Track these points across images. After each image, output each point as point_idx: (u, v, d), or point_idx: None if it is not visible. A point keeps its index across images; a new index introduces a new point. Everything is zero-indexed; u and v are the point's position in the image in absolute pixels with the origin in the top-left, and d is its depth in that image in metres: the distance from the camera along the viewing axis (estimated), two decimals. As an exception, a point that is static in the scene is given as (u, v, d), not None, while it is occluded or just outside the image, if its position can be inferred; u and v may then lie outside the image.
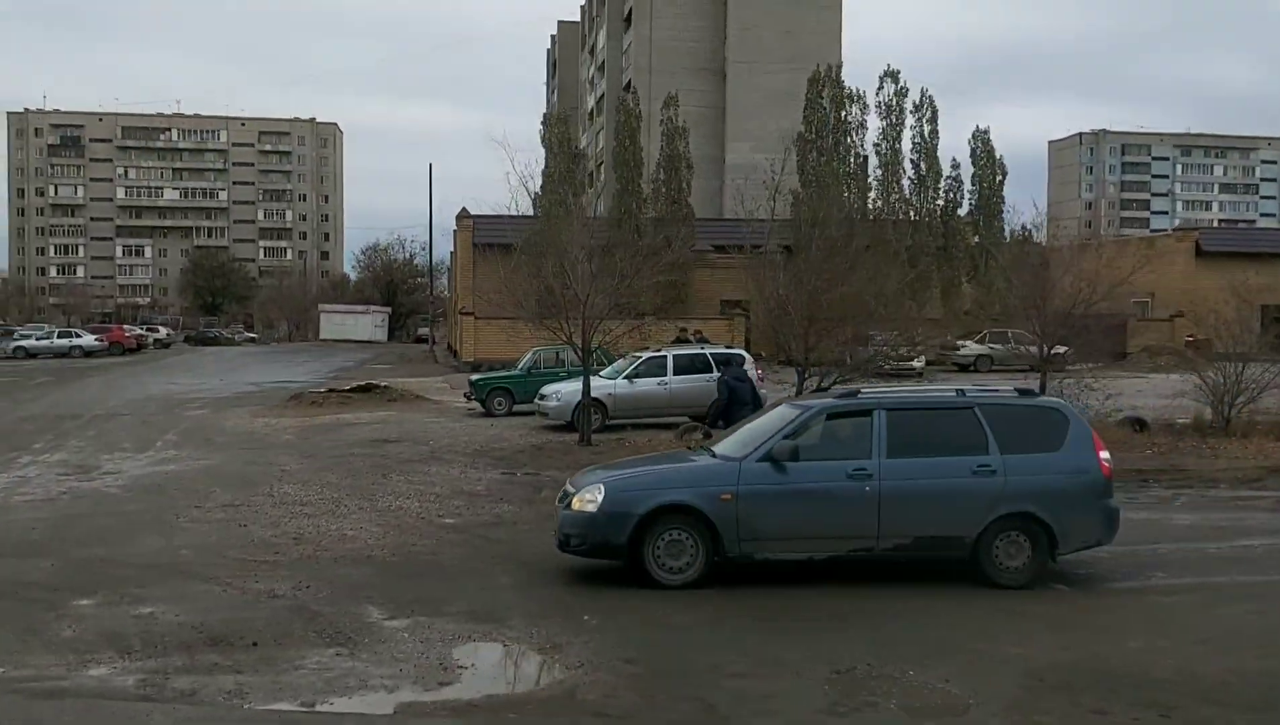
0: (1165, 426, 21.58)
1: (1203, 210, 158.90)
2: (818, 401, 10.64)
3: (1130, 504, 14.30)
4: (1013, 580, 9.34)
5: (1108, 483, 9.74)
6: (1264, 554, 11.04)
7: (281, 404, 28.36)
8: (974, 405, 9.79)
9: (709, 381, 23.33)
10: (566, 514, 9.61)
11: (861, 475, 9.31)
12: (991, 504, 9.33)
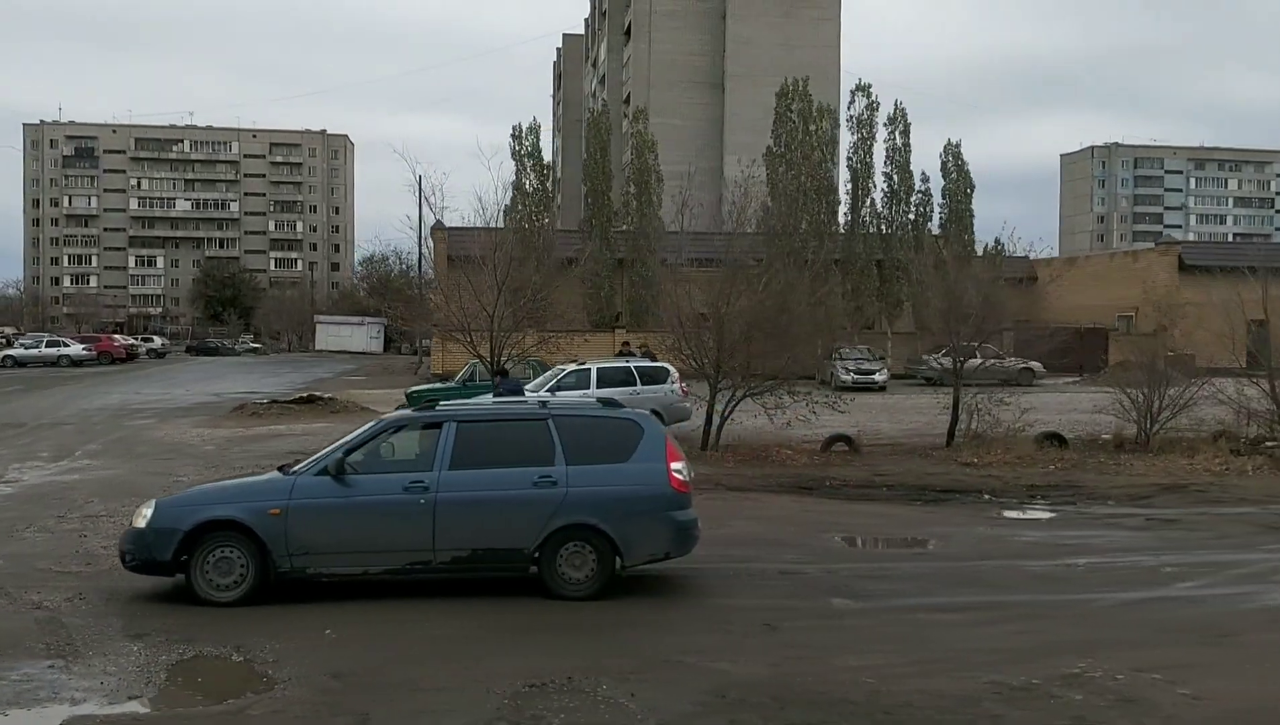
0: (1088, 442, 21.49)
1: (1217, 224, 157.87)
2: (394, 415, 10.64)
3: (992, 520, 14.35)
4: (576, 592, 9.24)
5: (677, 494, 9.52)
6: (1081, 573, 10.94)
7: (226, 414, 28.55)
8: (549, 417, 9.73)
9: (634, 395, 23.39)
10: (127, 530, 9.64)
11: (418, 488, 9.25)
12: (551, 515, 9.25)
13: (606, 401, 10.86)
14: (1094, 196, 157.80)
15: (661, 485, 9.44)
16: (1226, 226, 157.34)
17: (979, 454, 19.74)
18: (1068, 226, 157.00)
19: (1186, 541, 12.75)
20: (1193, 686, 6.99)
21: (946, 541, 12.88)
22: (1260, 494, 16.27)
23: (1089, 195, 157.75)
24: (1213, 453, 19.63)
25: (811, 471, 18.58)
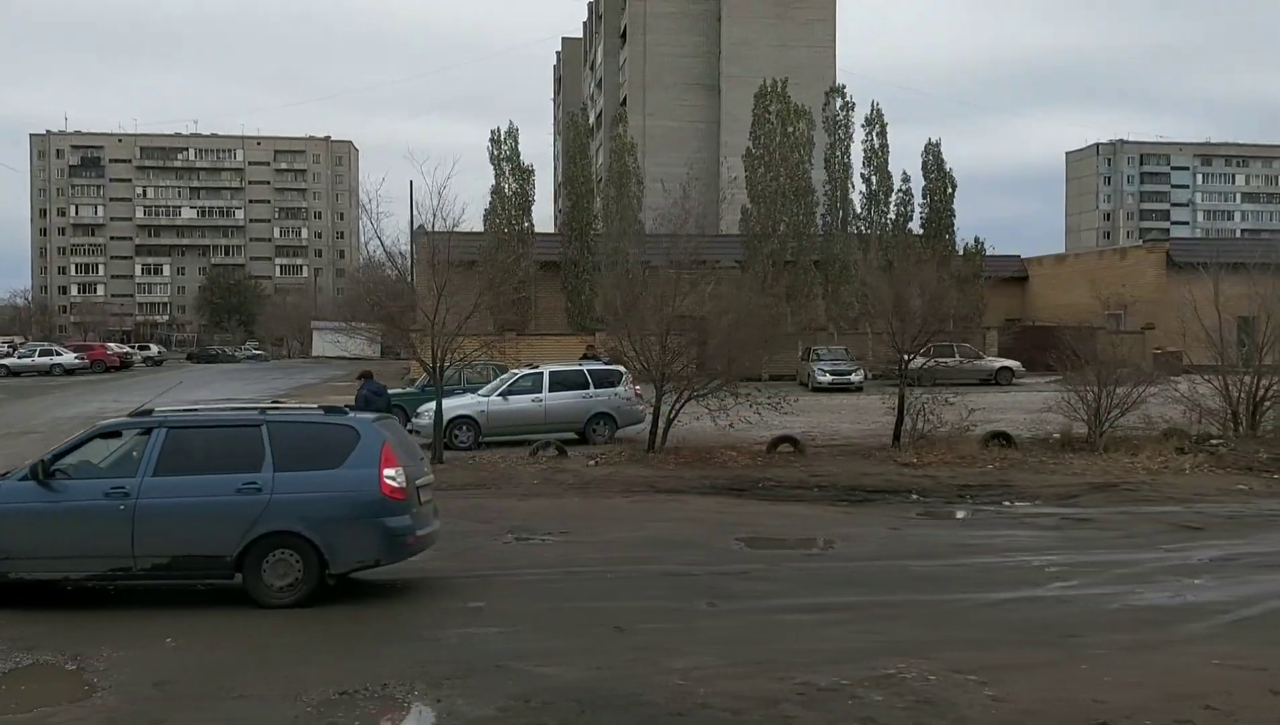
0: (1037, 441, 21.40)
1: (1225, 220, 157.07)
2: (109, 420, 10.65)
3: (907, 521, 14.30)
4: (280, 600, 9.18)
5: (389, 501, 9.38)
6: (965, 573, 10.91)
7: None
8: (263, 424, 9.67)
9: (586, 397, 23.44)
10: None
11: (119, 493, 9.24)
12: (253, 522, 9.19)
13: (332, 409, 10.82)
14: (1099, 194, 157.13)
15: (371, 492, 9.35)
16: (1234, 222, 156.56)
17: (920, 454, 19.66)
18: (1073, 224, 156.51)
19: (1089, 541, 12.68)
20: (1002, 688, 6.95)
21: (850, 542, 12.85)
22: (1189, 492, 16.19)
23: (1094, 193, 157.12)
24: (1156, 451, 19.52)
25: (751, 473, 18.55)
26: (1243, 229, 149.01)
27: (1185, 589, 10.07)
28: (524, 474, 18.37)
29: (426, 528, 9.86)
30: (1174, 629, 8.62)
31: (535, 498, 16.25)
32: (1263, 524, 13.62)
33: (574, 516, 14.58)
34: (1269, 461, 18.40)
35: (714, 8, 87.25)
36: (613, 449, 20.96)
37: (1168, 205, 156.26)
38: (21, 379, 54.13)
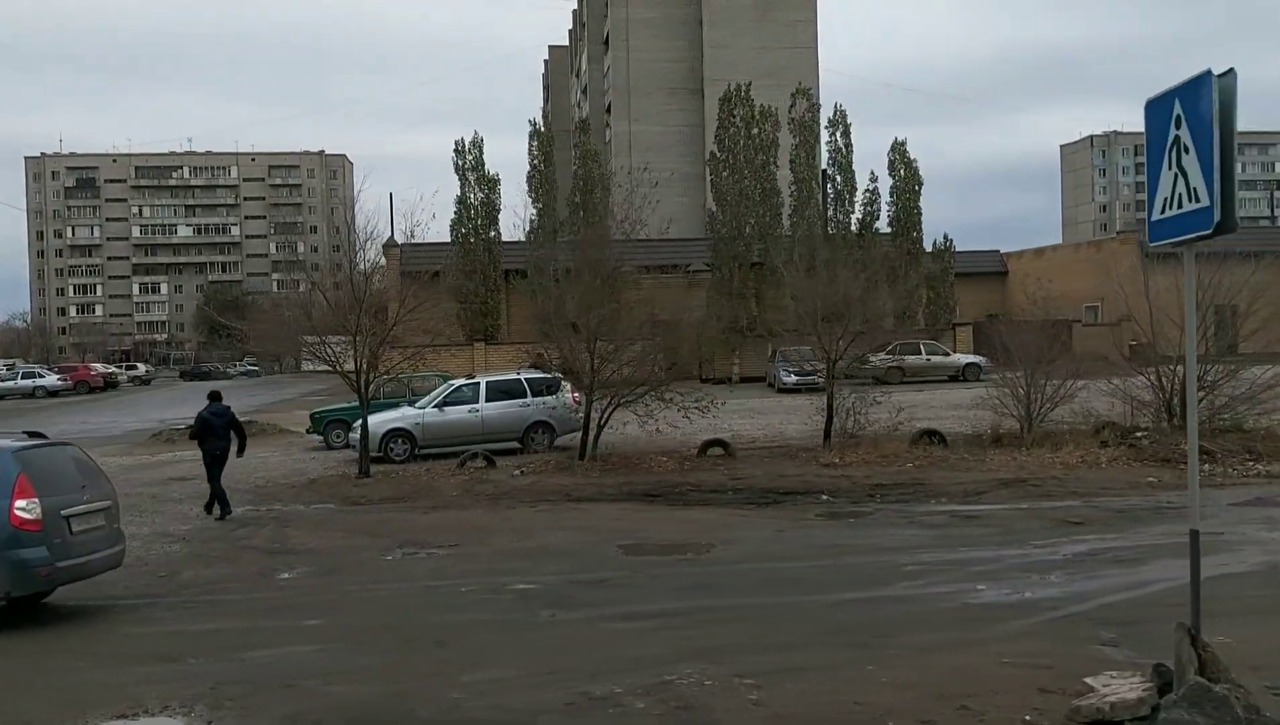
0: (972, 438, 21.40)
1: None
2: None
3: (802, 522, 14.30)
4: None
5: (17, 533, 9.33)
6: (822, 574, 10.98)
7: (144, 442, 28.86)
8: None
9: (524, 407, 23.46)
10: None
11: None
12: None
13: (35, 433, 11.01)
14: (1095, 186, 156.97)
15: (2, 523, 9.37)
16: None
17: (843, 454, 19.70)
18: (1070, 217, 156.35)
19: (965, 539, 12.68)
20: (770, 692, 6.97)
21: (731, 545, 12.86)
22: (1095, 487, 16.16)
23: (1090, 185, 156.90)
24: (1080, 446, 19.52)
25: (674, 478, 18.57)
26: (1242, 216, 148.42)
27: (1030, 586, 10.06)
28: (444, 486, 18.39)
29: (79, 558, 9.84)
30: (992, 627, 8.63)
31: (444, 510, 16.28)
32: (1149, 517, 13.59)
33: (471, 528, 14.61)
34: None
35: (695, 13, 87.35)
36: (544, 458, 20.98)
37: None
38: (4, 403, 54.37)
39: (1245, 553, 11.17)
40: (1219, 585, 9.69)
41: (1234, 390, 21.18)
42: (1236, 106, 5.93)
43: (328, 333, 22.09)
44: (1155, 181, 6.42)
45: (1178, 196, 6.25)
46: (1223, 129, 5.89)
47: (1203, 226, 5.98)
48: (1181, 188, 6.20)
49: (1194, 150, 6.10)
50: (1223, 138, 5.87)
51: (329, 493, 18.56)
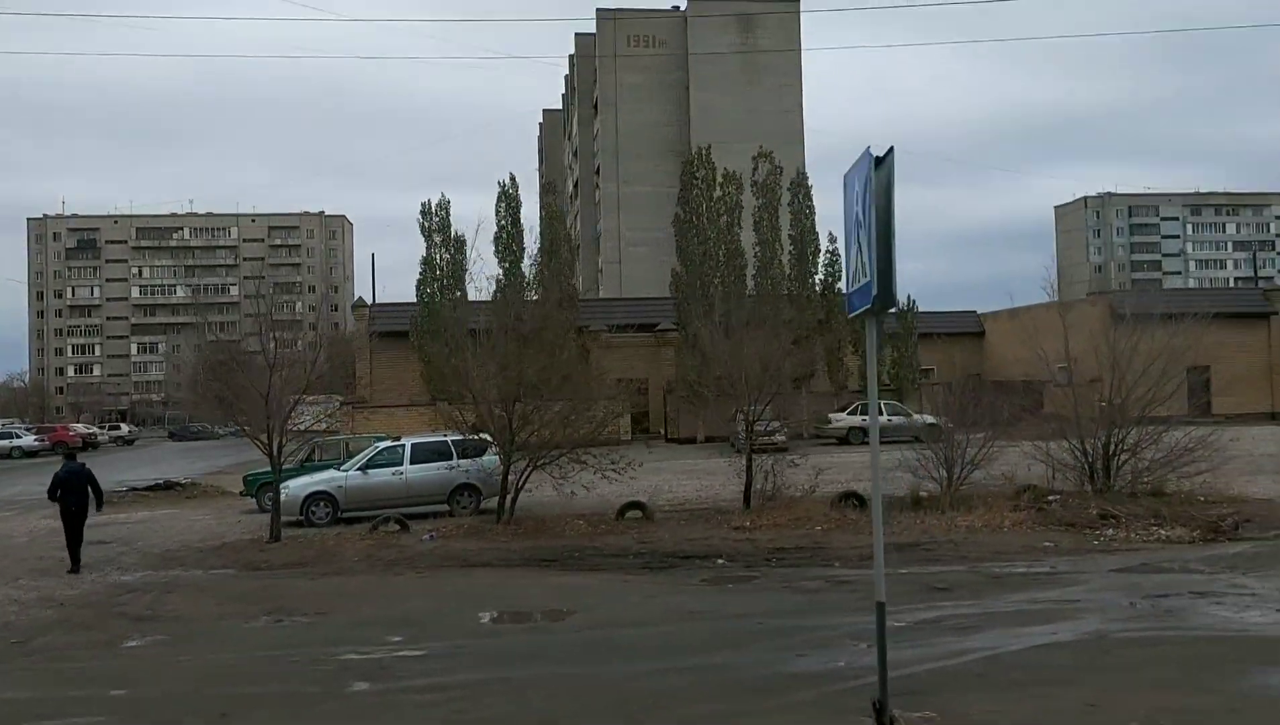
0: (894, 501, 21.22)
1: (1218, 269, 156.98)
2: None
3: (681, 587, 14.19)
4: None
5: None
6: (637, 642, 10.86)
7: (86, 503, 28.85)
8: None
9: (450, 469, 23.40)
10: None
11: None
12: None
13: None
14: (1089, 246, 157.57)
15: None
16: (1227, 271, 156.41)
17: (758, 517, 19.65)
18: (1066, 277, 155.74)
19: (828, 605, 12.59)
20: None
21: (592, 612, 12.77)
22: (988, 551, 16.05)
23: (1084, 245, 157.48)
24: (993, 509, 19.42)
25: (583, 542, 18.49)
26: (1235, 277, 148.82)
27: (851, 654, 9.94)
28: (348, 552, 18.29)
29: None
30: (774, 698, 8.50)
31: (334, 576, 16.19)
32: (1018, 583, 13.47)
33: (349, 595, 14.53)
34: (1097, 517, 18.22)
35: (682, 77, 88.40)
36: (459, 522, 20.91)
37: (1159, 256, 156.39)
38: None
39: (1083, 621, 11.05)
40: (1026, 655, 9.66)
41: (1154, 454, 21.14)
42: (894, 187, 5.95)
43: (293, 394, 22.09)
44: (848, 253, 6.46)
45: (855, 271, 6.28)
46: (879, 207, 5.91)
47: (866, 302, 6.02)
48: (858, 262, 6.24)
49: (865, 227, 6.14)
50: (879, 216, 5.90)
51: (234, 558, 18.49)
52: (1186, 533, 17.00)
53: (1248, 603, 11.62)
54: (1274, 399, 51.98)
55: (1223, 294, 67.06)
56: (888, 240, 5.83)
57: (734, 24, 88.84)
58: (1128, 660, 9.34)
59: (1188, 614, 11.21)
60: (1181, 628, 10.59)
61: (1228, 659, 9.21)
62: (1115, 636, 10.26)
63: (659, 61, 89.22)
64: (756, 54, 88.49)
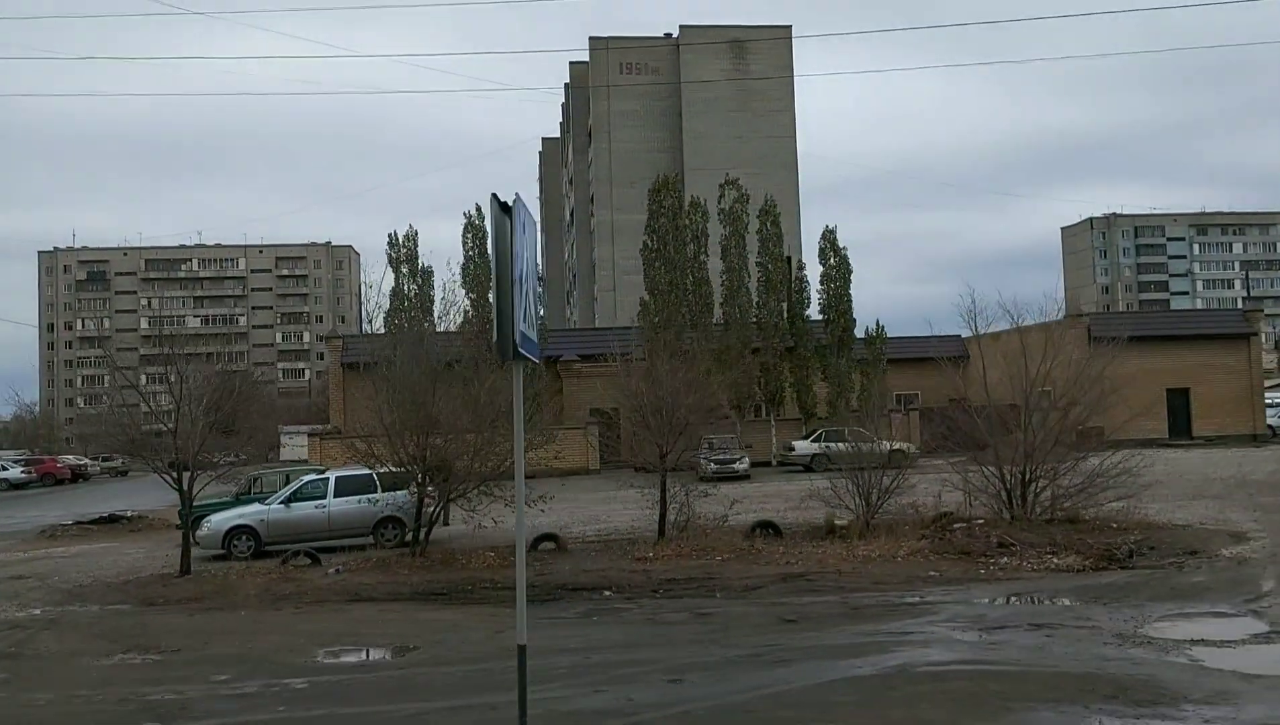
0: (810, 530, 21.28)
1: (1225, 288, 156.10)
2: None
3: (554, 621, 14.12)
4: None
5: None
6: (449, 683, 10.83)
7: (32, 537, 29.06)
8: None
9: (372, 502, 23.39)
10: None
11: None
12: None
13: None
14: (1096, 267, 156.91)
15: None
16: (1235, 291, 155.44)
17: (659, 549, 19.63)
18: (1072, 298, 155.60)
19: (675, 638, 12.58)
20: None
21: (437, 648, 12.76)
22: (870, 581, 15.96)
23: (1091, 266, 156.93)
24: (898, 537, 19.37)
25: (485, 574, 18.50)
26: (1242, 297, 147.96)
27: (649, 689, 9.91)
28: (247, 586, 18.31)
29: None
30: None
31: (219, 611, 16.21)
32: (874, 615, 13.38)
33: (214, 631, 14.53)
34: (996, 546, 18.10)
35: (675, 104, 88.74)
36: (369, 556, 20.91)
37: (1165, 276, 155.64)
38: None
39: (900, 654, 10.98)
40: (809, 692, 9.60)
41: (1071, 481, 21.02)
42: (519, 235, 5.95)
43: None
44: (524, 290, 6.36)
45: (528, 316, 6.25)
46: (499, 254, 5.92)
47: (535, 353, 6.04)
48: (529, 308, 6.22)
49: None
50: (499, 263, 5.90)
51: (136, 593, 18.53)
52: (1078, 561, 16.86)
53: (1077, 636, 11.52)
54: (1255, 421, 51.51)
55: (1203, 316, 66.67)
56: (508, 288, 5.83)
57: (726, 51, 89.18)
58: (908, 696, 9.27)
59: (1007, 648, 11.12)
60: (988, 662, 10.50)
61: (1006, 695, 9.13)
62: (916, 671, 10.19)
63: (652, 89, 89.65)
64: (749, 80, 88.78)
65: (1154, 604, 13.35)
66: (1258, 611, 12.51)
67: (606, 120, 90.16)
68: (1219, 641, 11.34)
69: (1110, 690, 9.08)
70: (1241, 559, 16.60)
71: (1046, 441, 20.94)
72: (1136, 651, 10.73)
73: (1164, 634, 11.60)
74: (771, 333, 43.61)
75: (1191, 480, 30.63)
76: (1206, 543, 18.30)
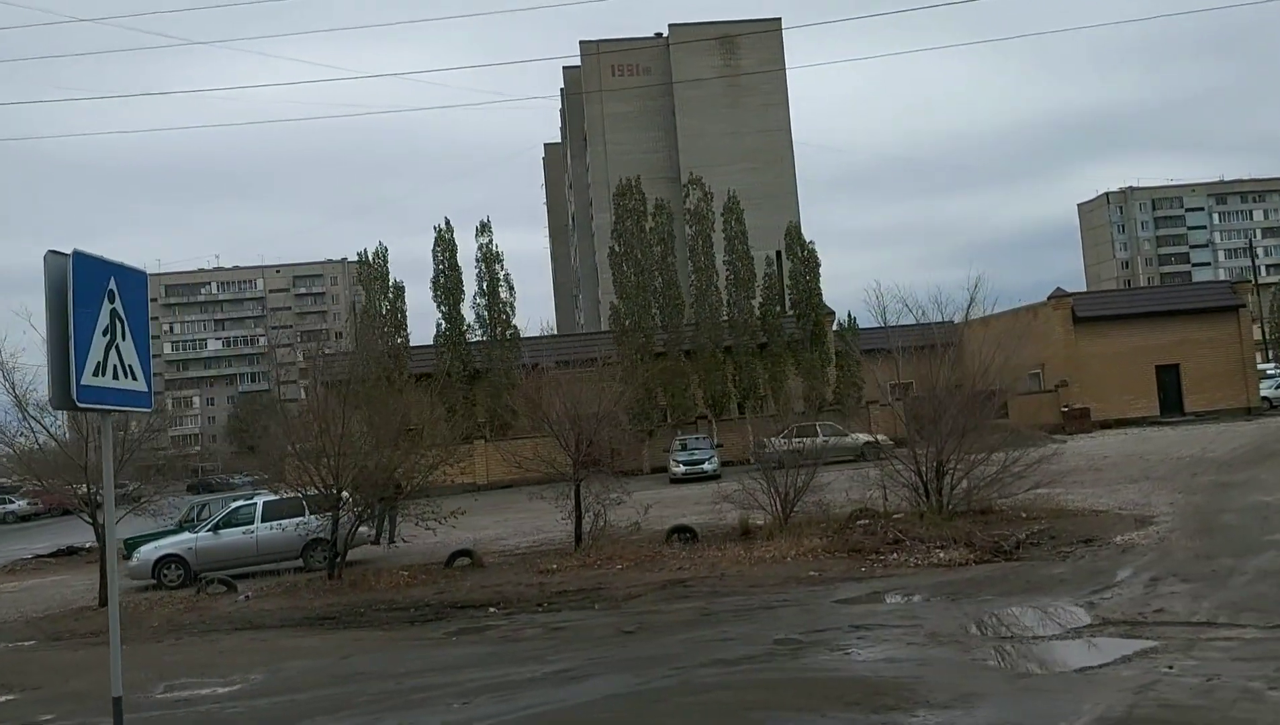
0: (726, 533, 21.27)
1: (1248, 257, 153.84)
2: None
3: (427, 644, 14.24)
4: None
5: None
6: (255, 712, 10.91)
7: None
8: None
9: (302, 526, 23.51)
10: None
11: None
12: None
13: None
14: (1115, 242, 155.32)
15: None
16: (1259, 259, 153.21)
17: (564, 560, 19.72)
18: (1092, 275, 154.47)
19: (501, 656, 12.52)
20: None
21: (275, 677, 12.87)
22: (746, 585, 15.92)
23: (1110, 242, 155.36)
24: (800, 537, 19.29)
25: (386, 595, 18.59)
26: (1266, 265, 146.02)
27: (421, 717, 9.96)
28: (154, 617, 18.52)
29: None
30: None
31: (102, 646, 16.39)
32: (725, 619, 13.32)
33: (84, 667, 14.71)
34: (889, 544, 17.97)
35: (668, 103, 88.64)
36: (282, 580, 21.07)
37: (1186, 247, 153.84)
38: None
39: (693, 664, 10.96)
40: (581, 709, 9.60)
41: (984, 472, 20.83)
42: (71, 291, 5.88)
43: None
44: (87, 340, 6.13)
45: (112, 367, 6.17)
46: (50, 306, 5.91)
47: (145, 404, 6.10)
48: (116, 360, 6.16)
49: (130, 334, 6.15)
50: (50, 315, 5.89)
51: (48, 628, 18.82)
52: (964, 555, 16.73)
53: (884, 638, 11.45)
54: (1249, 394, 50.84)
55: (1189, 290, 65.81)
56: (63, 342, 5.83)
57: (716, 47, 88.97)
58: (674, 708, 9.22)
59: (809, 653, 11.06)
60: (773, 669, 10.47)
61: (757, 705, 9.09)
62: (697, 681, 10.17)
63: (644, 90, 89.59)
64: (740, 75, 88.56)
65: (1001, 599, 13.23)
66: (1093, 604, 12.36)
67: (601, 123, 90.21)
68: (1029, 638, 11.27)
69: (860, 695, 9.02)
70: (1129, 546, 16.40)
71: (956, 431, 20.69)
72: (935, 651, 10.65)
73: (981, 632, 11.52)
74: (742, 330, 43.50)
75: (1148, 461, 30.29)
76: (1108, 530, 18.09)
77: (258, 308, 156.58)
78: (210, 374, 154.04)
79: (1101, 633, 11.06)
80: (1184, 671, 9.11)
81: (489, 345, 43.38)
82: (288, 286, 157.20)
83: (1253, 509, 19.16)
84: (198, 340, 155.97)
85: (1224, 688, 8.48)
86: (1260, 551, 14.81)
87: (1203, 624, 10.90)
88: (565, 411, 21.56)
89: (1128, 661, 9.75)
